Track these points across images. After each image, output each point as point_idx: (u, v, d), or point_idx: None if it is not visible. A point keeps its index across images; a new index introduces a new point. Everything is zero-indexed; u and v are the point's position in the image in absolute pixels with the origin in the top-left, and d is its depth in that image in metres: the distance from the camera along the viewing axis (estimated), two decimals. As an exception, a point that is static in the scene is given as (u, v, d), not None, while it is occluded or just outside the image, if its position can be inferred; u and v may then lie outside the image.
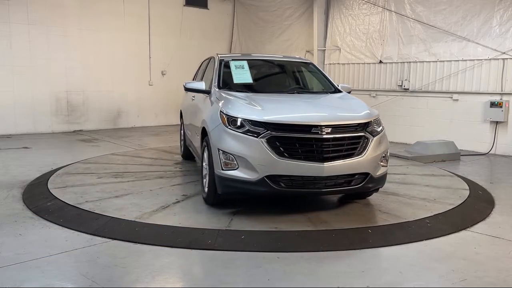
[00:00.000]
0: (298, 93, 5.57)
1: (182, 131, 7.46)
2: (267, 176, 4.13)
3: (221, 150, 4.29)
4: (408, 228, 4.26)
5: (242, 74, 5.57)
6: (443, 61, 9.38)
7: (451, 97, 9.29)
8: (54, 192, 5.13)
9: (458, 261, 3.57)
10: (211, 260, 3.52)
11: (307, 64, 6.27)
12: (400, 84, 10.14)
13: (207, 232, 3.99)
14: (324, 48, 11.80)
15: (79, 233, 4.00)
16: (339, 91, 5.62)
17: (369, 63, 10.80)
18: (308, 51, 12.22)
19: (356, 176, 4.36)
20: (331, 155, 4.18)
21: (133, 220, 4.24)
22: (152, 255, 3.57)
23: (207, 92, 5.31)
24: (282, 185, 4.19)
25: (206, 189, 4.73)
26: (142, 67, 12.20)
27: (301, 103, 5.01)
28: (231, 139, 4.25)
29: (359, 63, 11.04)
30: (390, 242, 3.94)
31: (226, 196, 4.57)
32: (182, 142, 7.43)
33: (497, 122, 8.61)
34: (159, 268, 3.33)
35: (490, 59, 8.67)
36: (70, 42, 10.85)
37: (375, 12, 10.58)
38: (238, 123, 4.29)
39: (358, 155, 4.31)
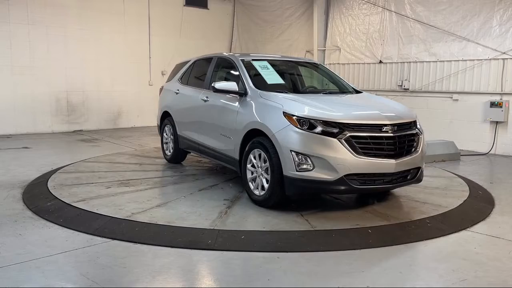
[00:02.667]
0: (330, 93, 5.62)
1: (165, 134, 7.07)
2: (345, 175, 4.23)
3: (294, 152, 4.27)
4: (408, 228, 4.26)
5: (271, 75, 5.58)
6: (443, 61, 9.38)
7: (451, 97, 9.30)
8: (54, 192, 5.12)
9: (458, 261, 3.57)
10: (211, 260, 3.52)
11: (317, 65, 6.49)
12: (400, 84, 10.14)
13: (207, 232, 3.99)
14: (324, 48, 11.81)
15: (79, 233, 4.00)
16: (358, 91, 5.81)
17: (369, 63, 10.80)
18: (308, 51, 12.23)
19: (412, 171, 4.67)
20: (398, 152, 4.45)
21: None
22: (152, 255, 3.57)
23: (240, 93, 5.16)
24: (357, 183, 4.31)
25: (261, 192, 4.67)
26: (142, 67, 12.20)
27: (353, 103, 5.19)
28: (306, 140, 4.25)
29: (359, 63, 11.05)
30: (390, 242, 3.93)
31: (294, 197, 4.70)
32: (170, 145, 6.91)
33: (497, 122, 8.61)
34: (159, 268, 3.33)
35: (490, 59, 8.68)
36: (70, 42, 10.85)
37: (375, 12, 10.58)
38: (309, 124, 4.31)
39: (415, 150, 4.66)
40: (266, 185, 4.61)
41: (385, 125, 4.41)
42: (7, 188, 5.52)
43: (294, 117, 4.37)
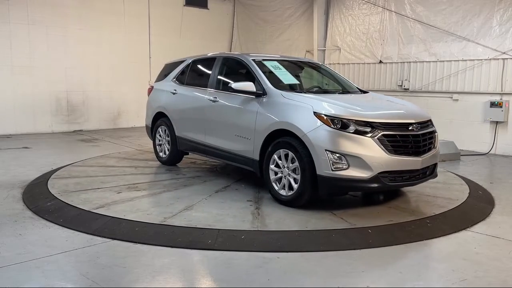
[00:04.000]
0: (343, 93, 5.71)
1: (159, 135, 6.88)
2: (379, 173, 4.35)
3: (329, 151, 4.32)
4: (408, 228, 4.26)
5: (285, 75, 5.61)
6: (443, 61, 9.38)
7: (451, 97, 9.30)
8: (54, 192, 5.12)
9: (458, 261, 3.57)
10: (211, 260, 3.52)
11: (319, 65, 6.56)
12: (400, 84, 10.14)
13: (207, 232, 3.99)
14: (324, 48, 11.80)
15: (79, 233, 4.00)
16: (363, 91, 5.95)
17: (369, 63, 10.80)
18: (308, 51, 12.23)
19: (430, 167, 4.85)
20: (422, 149, 4.63)
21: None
22: (152, 255, 3.57)
23: (258, 93, 5.13)
24: (388, 180, 4.45)
25: (289, 192, 4.70)
26: (142, 67, 12.19)
27: (374, 102, 5.34)
28: (341, 139, 4.32)
29: (359, 63, 11.05)
30: (390, 242, 3.93)
31: (326, 196, 4.82)
32: (166, 146, 6.76)
33: (497, 122, 8.61)
34: (159, 268, 3.33)
35: (490, 59, 8.68)
36: (70, 42, 10.85)
37: (375, 12, 10.58)
38: (342, 124, 4.39)
39: (434, 147, 4.87)
40: (294, 185, 4.63)
41: (411, 123, 4.61)
42: (7, 188, 5.52)
43: (326, 117, 4.43)
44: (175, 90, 6.60)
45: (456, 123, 9.21)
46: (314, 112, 4.51)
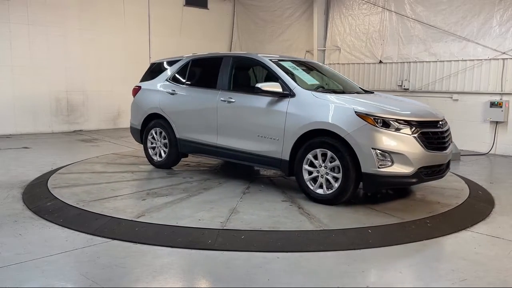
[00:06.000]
0: (358, 93, 5.79)
1: (152, 138, 6.64)
2: (418, 169, 4.61)
3: (376, 149, 4.51)
4: (408, 228, 4.26)
5: (304, 75, 5.71)
6: (443, 61, 9.38)
7: (451, 97, 9.30)
8: (54, 192, 5.12)
9: (458, 261, 3.57)
10: (211, 260, 3.52)
11: (321, 66, 6.69)
12: (400, 84, 10.14)
13: (207, 232, 3.99)
14: (324, 48, 11.80)
15: (79, 233, 4.00)
16: (366, 91, 6.06)
17: (369, 63, 10.80)
18: (308, 51, 12.23)
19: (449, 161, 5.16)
20: (446, 144, 4.97)
21: (133, 219, 4.24)
22: (152, 255, 3.57)
23: (285, 94, 5.14)
24: (424, 175, 4.72)
25: (327, 190, 4.81)
26: (142, 67, 12.13)
27: (398, 102, 5.52)
28: (386, 138, 4.54)
29: (359, 63, 11.05)
30: (390, 242, 3.93)
31: (371, 193, 5.22)
32: (161, 149, 6.53)
33: (497, 122, 8.61)
34: (159, 268, 3.33)
35: (490, 59, 8.68)
36: (70, 42, 10.85)
37: (375, 12, 10.58)
38: (383, 122, 4.59)
39: (451, 143, 5.18)
40: (334, 184, 4.75)
41: (439, 121, 4.99)
42: (7, 188, 5.52)
43: (370, 117, 4.60)
44: (174, 90, 6.40)
45: (456, 123, 9.19)
46: (356, 112, 4.65)
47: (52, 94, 10.73)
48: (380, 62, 10.54)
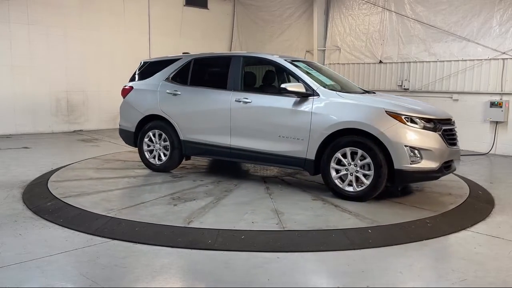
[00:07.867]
0: (364, 92, 5.90)
1: (149, 140, 6.36)
2: (442, 164, 4.91)
3: (408, 146, 4.74)
4: (408, 228, 4.26)
5: (320, 76, 5.76)
6: (443, 61, 9.38)
7: (451, 97, 9.30)
8: (54, 192, 5.12)
9: (458, 261, 3.57)
10: (211, 260, 3.52)
11: (321, 66, 6.73)
12: (400, 84, 10.14)
13: (207, 232, 3.99)
14: (324, 48, 11.81)
15: (79, 233, 4.00)
16: (367, 92, 6.10)
17: (369, 63, 10.80)
18: (308, 51, 12.23)
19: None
20: (456, 141, 5.26)
21: (135, 220, 4.23)
22: (152, 255, 3.57)
23: (308, 94, 5.19)
24: (444, 169, 5.02)
25: (357, 187, 4.95)
26: (142, 67, 12.18)
27: (413, 102, 5.66)
28: (417, 135, 4.80)
29: (359, 63, 11.05)
30: (390, 242, 3.93)
31: (399, 187, 5.53)
32: (161, 152, 6.29)
33: (497, 122, 8.62)
34: (159, 268, 3.33)
35: (490, 59, 8.68)
36: (70, 42, 10.85)
37: (375, 12, 10.58)
38: (412, 121, 4.85)
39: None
40: (365, 181, 4.89)
41: (451, 119, 5.29)
42: (7, 188, 5.52)
43: (402, 116, 4.83)
44: (176, 90, 6.17)
45: (456, 123, 9.18)
46: (386, 111, 4.85)
47: (52, 94, 10.73)
48: (380, 62, 10.54)
